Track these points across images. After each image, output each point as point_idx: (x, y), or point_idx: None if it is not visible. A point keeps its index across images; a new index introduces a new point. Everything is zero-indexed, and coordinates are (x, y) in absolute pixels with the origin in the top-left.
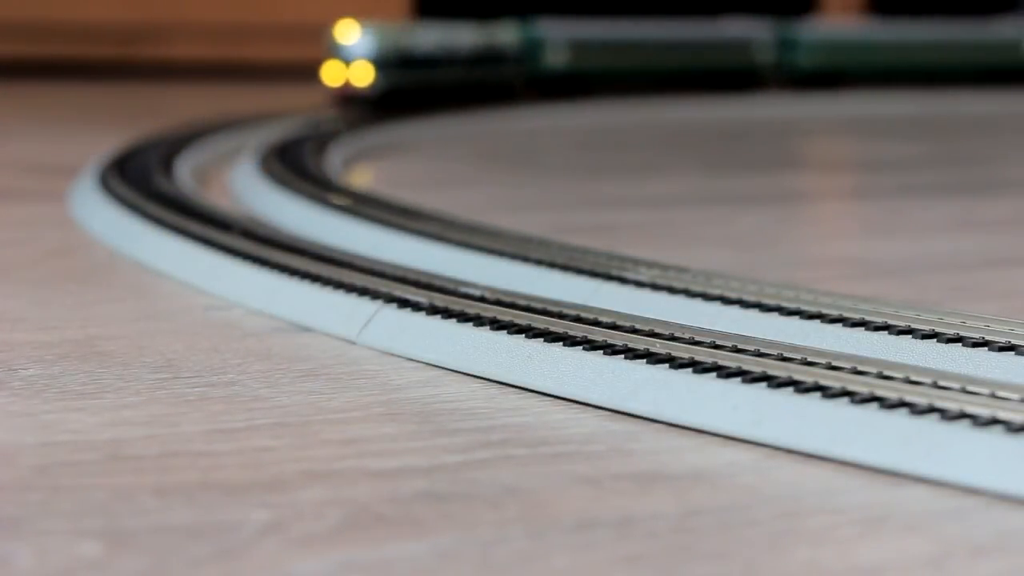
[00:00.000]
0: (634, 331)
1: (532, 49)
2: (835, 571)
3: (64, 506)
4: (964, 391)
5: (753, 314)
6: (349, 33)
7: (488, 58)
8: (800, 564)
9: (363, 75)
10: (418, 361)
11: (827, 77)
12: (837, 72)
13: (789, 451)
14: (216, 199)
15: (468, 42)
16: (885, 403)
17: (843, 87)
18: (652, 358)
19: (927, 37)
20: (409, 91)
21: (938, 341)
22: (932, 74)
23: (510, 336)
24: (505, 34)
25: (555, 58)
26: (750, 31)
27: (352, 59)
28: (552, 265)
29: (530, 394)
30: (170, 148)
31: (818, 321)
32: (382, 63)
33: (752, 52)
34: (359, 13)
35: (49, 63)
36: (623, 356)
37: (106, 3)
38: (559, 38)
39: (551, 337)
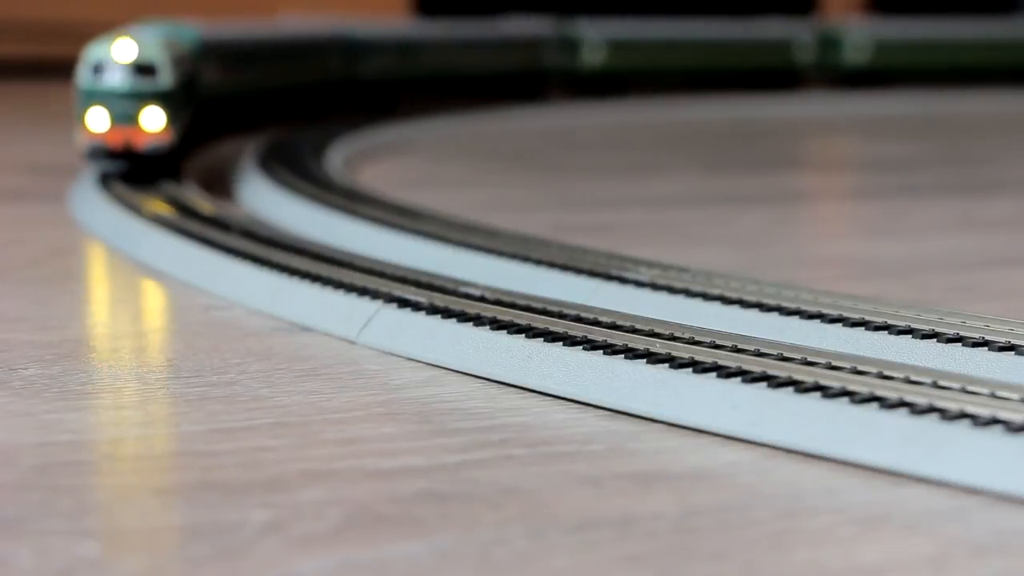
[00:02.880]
0: (634, 331)
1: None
2: (835, 571)
3: (64, 506)
4: (964, 391)
5: (753, 314)
6: (117, 50)
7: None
8: (800, 564)
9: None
10: (418, 361)
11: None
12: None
13: (789, 451)
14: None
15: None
16: (885, 403)
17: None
18: (652, 358)
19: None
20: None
21: (938, 341)
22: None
23: (510, 336)
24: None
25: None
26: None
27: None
28: (552, 265)
29: (530, 394)
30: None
31: (818, 321)
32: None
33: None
34: (358, 12)
35: (49, 63)
36: (623, 356)
37: (106, 3)
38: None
39: (551, 337)
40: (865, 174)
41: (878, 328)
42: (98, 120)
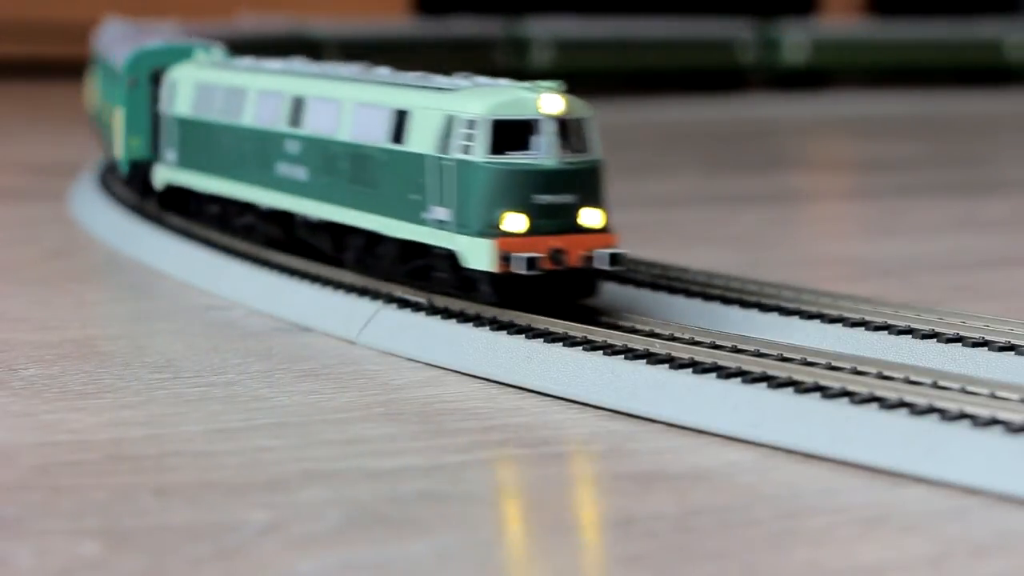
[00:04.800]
0: (634, 331)
1: None
2: (835, 571)
3: (64, 506)
4: (964, 391)
5: (753, 314)
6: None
7: None
8: (800, 564)
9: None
10: (418, 361)
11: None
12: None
13: (789, 451)
14: None
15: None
16: (885, 403)
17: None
18: (652, 358)
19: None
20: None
21: (938, 341)
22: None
23: (510, 336)
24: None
25: None
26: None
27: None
28: None
29: (530, 394)
30: None
31: (818, 321)
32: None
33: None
34: (359, 10)
35: (49, 63)
36: (623, 356)
37: (106, 3)
38: None
39: (551, 337)
40: (864, 174)
41: (878, 328)
42: (514, 221)
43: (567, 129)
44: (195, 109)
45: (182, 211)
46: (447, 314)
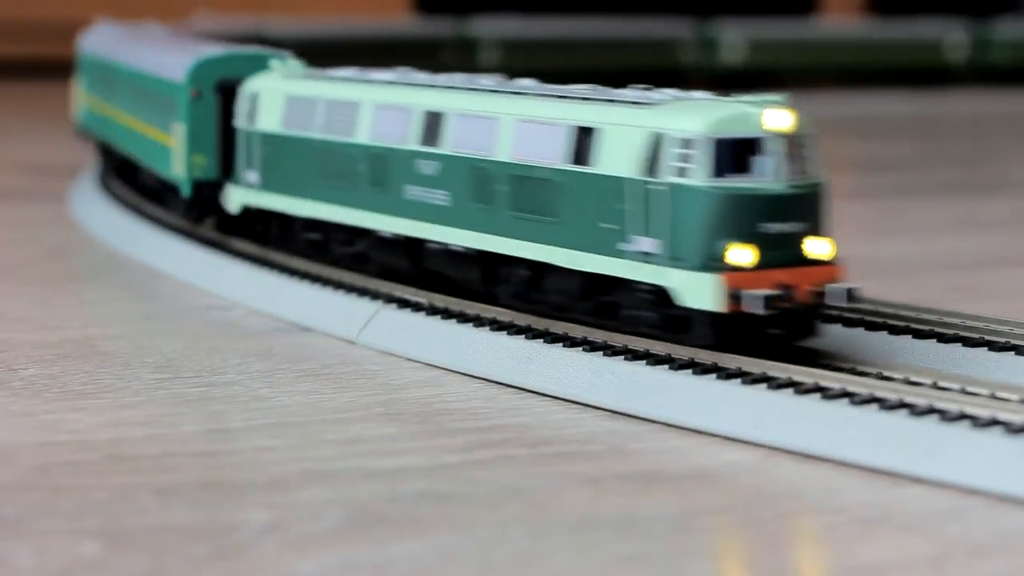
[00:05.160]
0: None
1: None
2: (835, 571)
3: (64, 506)
4: (964, 392)
5: None
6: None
7: None
8: (800, 564)
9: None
10: (418, 361)
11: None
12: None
13: (789, 452)
14: None
15: None
16: (885, 404)
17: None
18: (652, 359)
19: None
20: None
21: (938, 341)
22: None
23: (510, 337)
24: None
25: None
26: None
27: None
28: None
29: (530, 394)
30: None
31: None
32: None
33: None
34: (358, 10)
35: (49, 63)
36: (623, 358)
37: (108, 4)
38: None
39: (551, 338)
40: (864, 174)
41: (877, 328)
42: (741, 254)
43: (792, 148)
44: (287, 125)
45: (256, 237)
46: (447, 314)
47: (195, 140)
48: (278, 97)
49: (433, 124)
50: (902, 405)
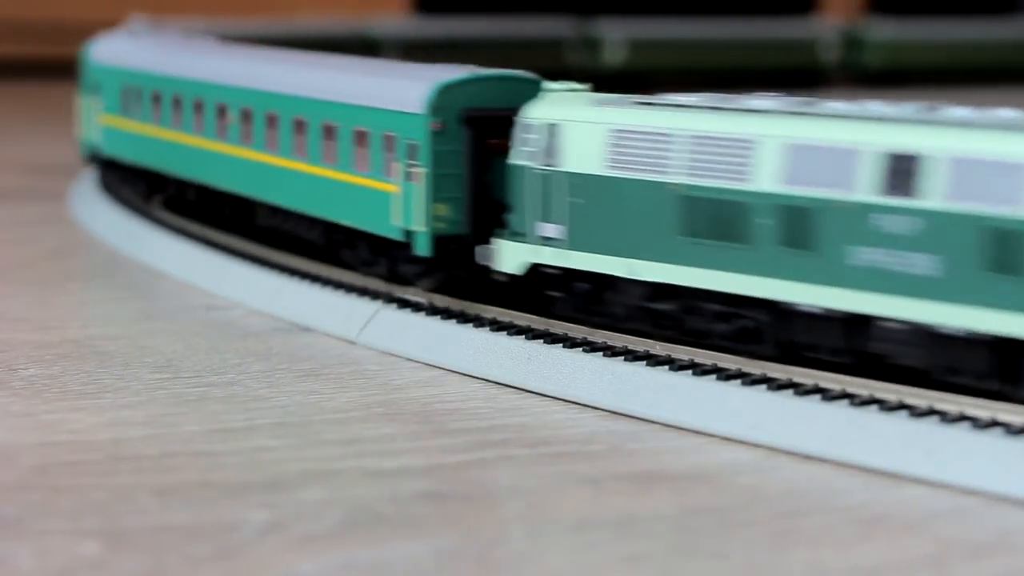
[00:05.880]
0: (634, 332)
1: None
2: (835, 571)
3: (64, 506)
4: (964, 393)
5: None
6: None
7: None
8: (800, 564)
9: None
10: (418, 361)
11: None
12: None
13: (789, 452)
14: None
15: None
16: (885, 405)
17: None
18: (652, 360)
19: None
20: None
21: None
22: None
23: (510, 337)
24: None
25: None
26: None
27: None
28: None
29: (530, 394)
30: None
31: None
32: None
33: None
34: (359, 9)
35: (49, 63)
36: (623, 358)
37: (106, 3)
38: None
39: (551, 338)
40: None
41: None
42: None
43: None
44: (617, 165)
45: (534, 304)
46: (447, 314)
47: (439, 185)
48: (595, 129)
49: (903, 169)
50: (902, 406)
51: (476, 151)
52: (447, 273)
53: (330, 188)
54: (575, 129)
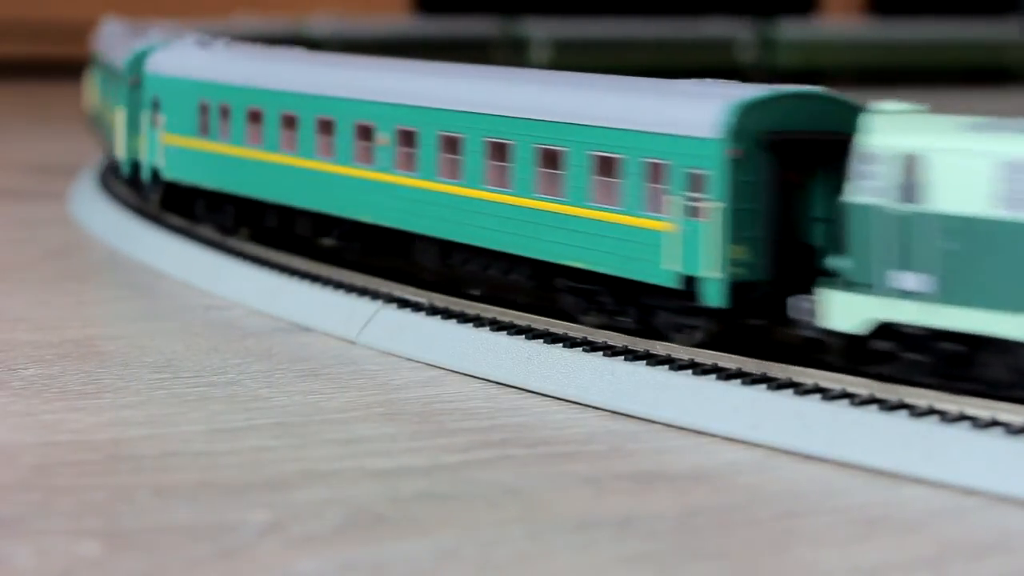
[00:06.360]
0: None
1: None
2: (835, 571)
3: (64, 506)
4: (963, 393)
5: None
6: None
7: None
8: (800, 564)
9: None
10: (418, 361)
11: None
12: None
13: (789, 452)
14: None
15: None
16: (885, 405)
17: None
18: (652, 359)
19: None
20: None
21: None
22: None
23: (510, 337)
24: None
25: None
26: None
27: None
28: None
29: (530, 394)
30: None
31: None
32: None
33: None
34: (359, 8)
35: (49, 63)
36: (623, 358)
37: (106, 3)
38: None
39: (551, 338)
40: None
41: None
42: None
43: None
44: (1012, 205)
45: (875, 370)
46: (447, 314)
47: (739, 224)
48: (976, 161)
49: None
50: (902, 406)
51: (781, 182)
52: (729, 325)
53: (552, 224)
54: (949, 160)
